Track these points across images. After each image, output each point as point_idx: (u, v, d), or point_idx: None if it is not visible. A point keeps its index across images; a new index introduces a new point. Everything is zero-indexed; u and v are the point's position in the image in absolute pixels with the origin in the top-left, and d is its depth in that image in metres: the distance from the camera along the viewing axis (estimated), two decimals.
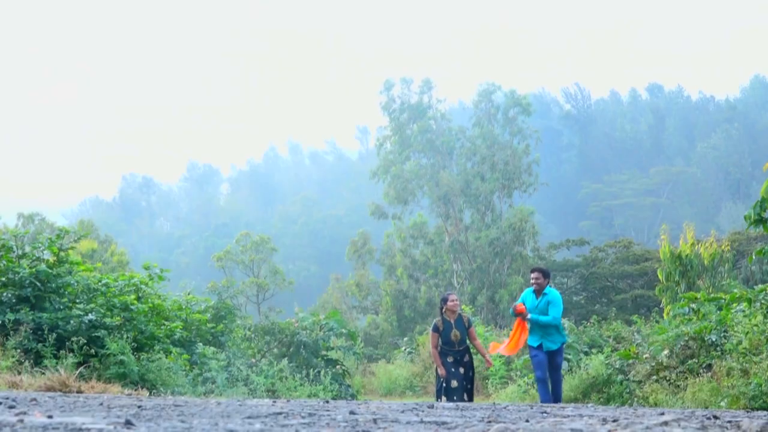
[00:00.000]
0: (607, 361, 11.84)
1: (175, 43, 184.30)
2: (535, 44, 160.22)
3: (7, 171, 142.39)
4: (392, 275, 37.14)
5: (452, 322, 9.84)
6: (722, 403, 7.47)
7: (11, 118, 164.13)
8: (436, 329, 9.82)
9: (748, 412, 4.78)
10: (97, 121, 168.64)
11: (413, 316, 34.93)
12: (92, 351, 9.13)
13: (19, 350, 8.60)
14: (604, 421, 3.04)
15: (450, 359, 9.80)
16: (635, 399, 9.85)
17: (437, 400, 9.87)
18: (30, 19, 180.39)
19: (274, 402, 4.66)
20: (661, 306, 16.80)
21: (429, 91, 40.71)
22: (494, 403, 6.33)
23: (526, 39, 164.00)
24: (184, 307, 12.29)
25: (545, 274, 10.07)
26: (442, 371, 9.67)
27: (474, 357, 10.40)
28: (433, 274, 36.81)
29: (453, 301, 9.93)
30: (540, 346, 9.92)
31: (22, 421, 2.52)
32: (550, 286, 10.05)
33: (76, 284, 9.94)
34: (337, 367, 14.04)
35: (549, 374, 10.01)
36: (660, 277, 17.49)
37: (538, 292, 9.91)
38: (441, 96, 41.58)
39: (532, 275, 10.01)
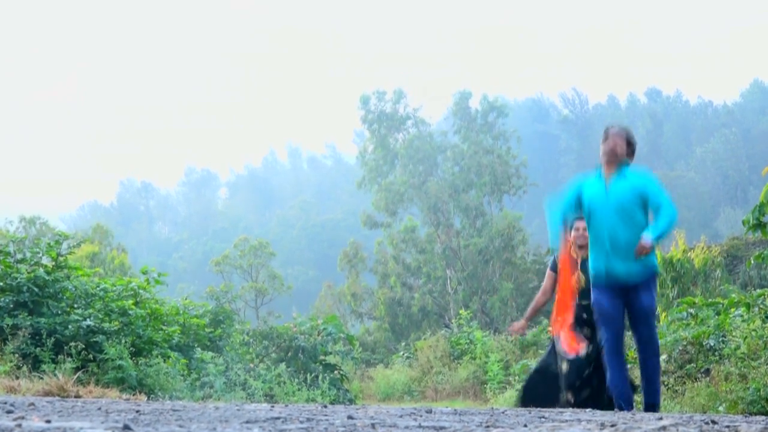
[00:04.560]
0: None
1: (175, 43, 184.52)
2: (534, 45, 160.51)
3: (5, 169, 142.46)
4: (386, 283, 37.16)
5: (578, 261, 6.54)
6: (720, 408, 7.47)
7: (11, 117, 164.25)
8: (554, 267, 6.80)
9: (746, 416, 4.78)
10: (97, 121, 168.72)
11: (407, 324, 34.96)
12: (90, 356, 9.13)
13: (17, 355, 8.60)
14: (602, 425, 3.04)
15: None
16: (633, 403, 9.85)
17: (524, 400, 6.85)
18: (30, 19, 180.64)
19: (272, 407, 4.65)
20: (656, 313, 16.84)
21: (400, 101, 40.81)
22: (492, 408, 6.32)
23: (526, 40, 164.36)
24: (182, 311, 12.29)
25: (630, 141, 5.85)
26: (519, 325, 6.99)
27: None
28: (426, 281, 36.84)
29: (578, 229, 6.51)
30: (606, 276, 5.76)
31: (20, 425, 2.52)
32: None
33: (74, 289, 9.95)
34: (335, 371, 14.03)
35: (634, 335, 5.94)
36: None
37: (610, 167, 5.75)
38: (416, 104, 41.81)
39: (609, 137, 5.80)
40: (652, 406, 5.93)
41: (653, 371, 5.94)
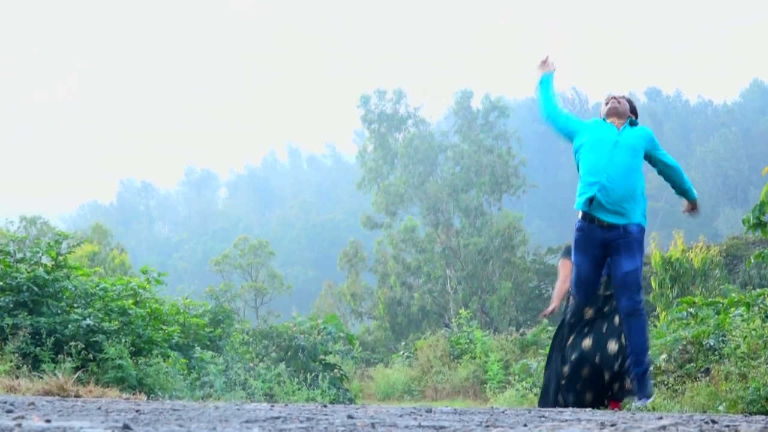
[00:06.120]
0: None
1: (175, 43, 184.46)
2: (534, 45, 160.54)
3: (5, 169, 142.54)
4: (386, 283, 37.19)
5: None
6: (720, 408, 7.46)
7: (11, 117, 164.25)
8: (568, 254, 6.44)
9: (746, 416, 4.78)
10: (97, 121, 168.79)
11: (407, 324, 34.99)
12: (90, 355, 9.12)
13: (17, 354, 8.59)
14: (602, 425, 3.04)
15: (588, 313, 6.17)
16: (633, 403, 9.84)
17: (546, 401, 6.34)
18: (30, 19, 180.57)
19: (272, 406, 4.65)
20: (656, 313, 16.85)
21: (401, 101, 40.80)
22: (492, 407, 6.32)
23: (526, 40, 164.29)
24: (182, 311, 12.29)
25: (630, 101, 6.13)
26: (550, 308, 6.64)
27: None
28: (426, 281, 36.86)
29: None
30: (592, 220, 5.61)
31: (20, 425, 2.51)
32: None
33: (73, 289, 9.94)
34: (335, 371, 14.03)
35: (615, 293, 5.74)
36: (653, 285, 17.47)
37: (618, 122, 5.85)
38: (417, 104, 41.83)
39: (609, 98, 6.01)
40: (639, 375, 5.69)
41: (639, 339, 5.64)
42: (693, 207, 6.07)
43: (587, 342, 6.17)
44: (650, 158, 5.84)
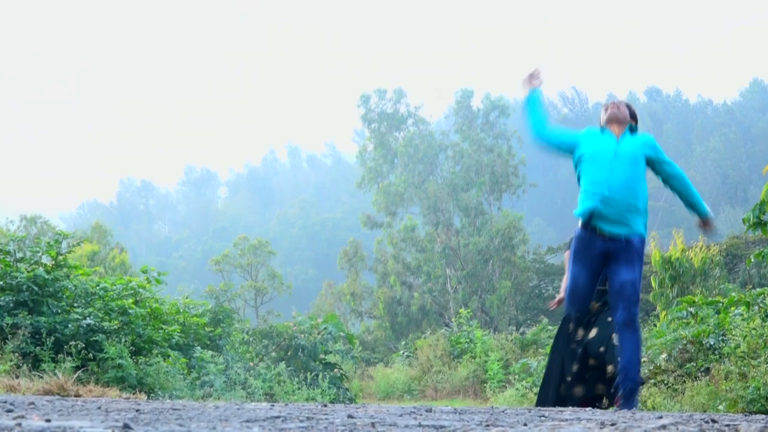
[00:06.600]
0: None
1: (175, 43, 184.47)
2: (534, 44, 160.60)
3: (6, 169, 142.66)
4: (385, 282, 37.19)
5: None
6: (720, 407, 7.46)
7: (11, 117, 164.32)
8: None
9: (746, 415, 4.78)
10: (97, 121, 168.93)
11: (407, 323, 34.99)
12: (90, 355, 9.12)
13: (17, 354, 8.59)
14: (602, 424, 3.03)
15: (594, 307, 6.15)
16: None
17: (545, 399, 6.25)
18: (31, 19, 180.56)
19: (272, 406, 4.65)
20: (656, 312, 16.83)
21: (401, 100, 40.76)
22: (492, 407, 6.32)
23: (525, 39, 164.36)
24: (182, 310, 12.29)
25: (630, 107, 5.84)
26: (561, 296, 6.41)
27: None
28: (425, 280, 36.87)
29: None
30: (593, 229, 5.50)
31: (20, 425, 2.51)
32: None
33: (73, 288, 9.94)
34: (335, 370, 14.03)
35: (610, 302, 5.61)
36: (653, 284, 17.47)
37: (617, 129, 5.63)
38: (417, 103, 41.74)
39: (609, 105, 5.77)
40: (627, 392, 5.49)
41: (632, 355, 5.47)
42: (706, 223, 5.90)
43: (593, 332, 6.15)
44: (653, 165, 5.69)
